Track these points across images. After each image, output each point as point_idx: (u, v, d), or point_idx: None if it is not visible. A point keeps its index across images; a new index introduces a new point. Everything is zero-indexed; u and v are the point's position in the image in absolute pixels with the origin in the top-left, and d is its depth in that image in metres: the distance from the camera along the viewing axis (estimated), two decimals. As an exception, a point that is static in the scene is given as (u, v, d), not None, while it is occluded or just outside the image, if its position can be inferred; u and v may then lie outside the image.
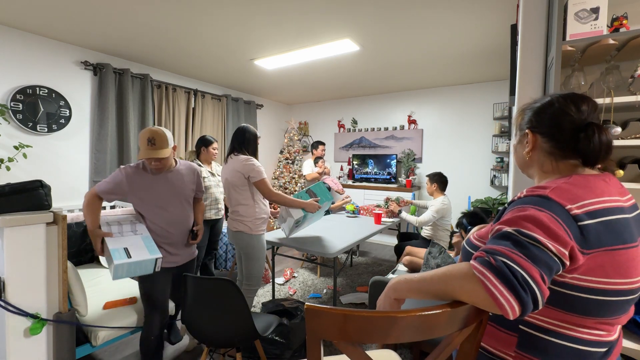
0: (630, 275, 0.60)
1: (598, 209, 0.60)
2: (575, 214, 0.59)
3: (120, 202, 3.20)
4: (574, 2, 1.29)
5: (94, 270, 2.37)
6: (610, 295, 0.60)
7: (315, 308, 0.56)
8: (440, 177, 3.01)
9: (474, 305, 0.57)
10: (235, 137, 2.03)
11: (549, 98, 0.73)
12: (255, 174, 1.90)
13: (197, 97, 4.08)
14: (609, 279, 0.59)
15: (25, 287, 1.29)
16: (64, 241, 1.37)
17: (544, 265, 0.55)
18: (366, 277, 3.37)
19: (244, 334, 1.42)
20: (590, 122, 0.67)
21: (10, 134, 2.63)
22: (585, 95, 0.71)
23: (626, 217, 0.63)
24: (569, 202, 0.60)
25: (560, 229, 0.57)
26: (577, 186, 0.63)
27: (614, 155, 1.46)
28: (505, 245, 0.57)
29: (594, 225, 0.59)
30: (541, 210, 0.59)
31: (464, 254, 0.80)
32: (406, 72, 3.78)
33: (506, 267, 0.54)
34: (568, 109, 0.69)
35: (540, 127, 0.73)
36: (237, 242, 2.00)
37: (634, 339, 1.30)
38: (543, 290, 0.53)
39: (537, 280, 0.53)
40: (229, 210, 2.07)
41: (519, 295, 0.52)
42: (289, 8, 2.24)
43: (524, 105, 0.79)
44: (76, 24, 2.55)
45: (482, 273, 0.55)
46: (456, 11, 2.26)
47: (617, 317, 0.64)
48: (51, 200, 1.42)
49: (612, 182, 0.68)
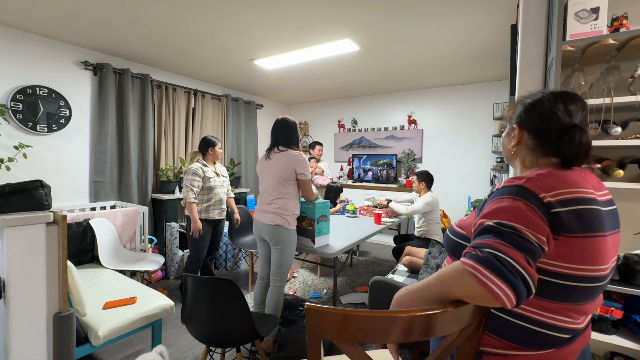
0: (597, 262, 0.63)
1: (570, 198, 0.62)
2: (549, 202, 0.62)
3: (121, 202, 3.21)
4: (574, 2, 1.30)
5: (94, 270, 2.38)
6: (577, 280, 0.63)
7: (315, 308, 0.56)
8: (428, 176, 3.15)
9: (473, 301, 0.58)
10: (281, 131, 2.03)
11: (540, 95, 0.75)
12: (306, 172, 1.97)
13: (197, 97, 4.08)
14: (576, 264, 0.62)
15: (25, 287, 1.29)
16: (64, 241, 1.37)
17: (527, 251, 0.57)
18: (366, 277, 3.37)
19: (244, 334, 1.42)
20: (574, 124, 0.70)
21: (10, 134, 2.63)
22: (575, 94, 0.73)
23: (598, 208, 0.65)
24: (542, 191, 0.62)
25: (537, 217, 0.60)
26: (552, 177, 0.66)
27: (614, 155, 1.47)
28: (488, 237, 0.60)
29: (565, 212, 0.61)
30: (517, 200, 0.62)
31: (446, 242, 0.83)
32: (406, 72, 3.78)
33: (493, 257, 0.56)
34: (556, 109, 0.71)
35: (528, 125, 0.76)
36: (274, 237, 1.97)
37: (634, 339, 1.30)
38: (531, 274, 0.56)
39: (523, 265, 0.55)
40: (261, 204, 2.05)
41: (510, 282, 0.54)
42: (289, 8, 2.24)
43: (517, 98, 0.81)
44: (76, 24, 2.55)
45: (472, 266, 0.57)
46: (456, 11, 2.26)
47: (582, 303, 0.66)
48: (51, 200, 1.41)
49: (589, 177, 0.71)
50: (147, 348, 2.07)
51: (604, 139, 1.38)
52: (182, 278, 1.45)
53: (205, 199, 2.66)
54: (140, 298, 1.91)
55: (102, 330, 1.60)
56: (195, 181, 2.57)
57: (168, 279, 3.28)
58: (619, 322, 1.34)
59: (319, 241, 2.14)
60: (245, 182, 4.84)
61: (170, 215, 3.49)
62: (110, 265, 2.50)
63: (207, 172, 2.65)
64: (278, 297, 2.00)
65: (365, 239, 2.54)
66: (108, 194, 3.23)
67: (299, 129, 2.13)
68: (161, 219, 3.45)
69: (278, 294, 2.00)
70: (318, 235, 2.12)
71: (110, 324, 1.66)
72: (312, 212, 2.08)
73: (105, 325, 1.63)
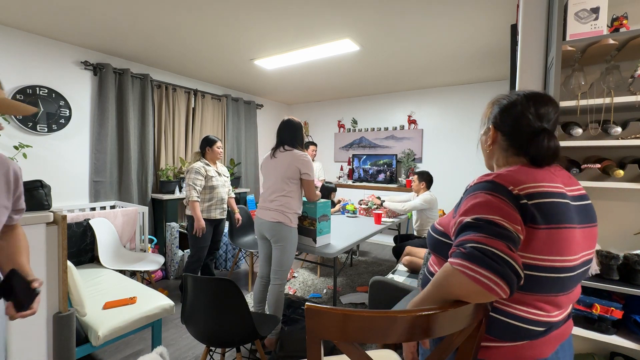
0: (565, 253, 0.64)
1: (535, 191, 0.65)
2: (517, 194, 0.65)
3: (121, 202, 3.21)
4: (574, 2, 1.30)
5: (94, 270, 2.38)
6: (543, 271, 0.64)
7: (316, 308, 0.56)
8: (429, 176, 3.19)
9: (470, 299, 0.59)
10: (287, 131, 2.07)
11: (514, 97, 0.78)
12: (310, 172, 2.00)
13: (197, 97, 4.07)
14: (541, 255, 0.64)
15: (25, 287, 1.29)
16: (64, 241, 1.37)
17: (507, 239, 0.59)
18: (366, 277, 3.37)
19: (244, 334, 1.42)
20: (543, 128, 0.73)
21: (10, 134, 2.63)
22: (548, 97, 0.75)
23: (565, 201, 0.67)
24: (511, 184, 0.66)
25: (510, 207, 0.63)
26: (519, 173, 0.69)
27: (614, 155, 1.47)
28: (469, 233, 0.62)
29: (531, 204, 0.64)
30: (490, 194, 0.65)
31: (428, 240, 0.85)
32: (406, 72, 3.78)
33: (476, 250, 0.58)
34: (528, 112, 0.74)
35: (502, 126, 0.79)
36: (275, 234, 1.98)
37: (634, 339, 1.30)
38: (515, 259, 0.57)
39: (506, 252, 0.57)
40: (263, 201, 2.07)
41: (498, 271, 0.55)
42: (289, 8, 2.24)
43: (495, 98, 0.84)
44: (76, 24, 2.55)
45: (459, 264, 0.58)
46: (456, 11, 2.26)
47: (554, 295, 0.67)
48: (51, 200, 1.42)
49: (559, 174, 0.74)
50: (147, 348, 2.07)
51: (604, 139, 1.38)
52: (182, 278, 1.45)
53: (207, 198, 2.66)
54: (140, 298, 1.91)
55: (102, 330, 1.60)
56: (198, 180, 2.57)
57: (168, 279, 3.28)
58: (619, 322, 1.34)
59: (320, 240, 2.14)
60: (245, 182, 4.84)
61: (170, 215, 3.49)
62: (110, 265, 2.50)
63: (209, 172, 2.65)
64: (279, 296, 2.00)
65: (365, 239, 2.54)
66: (108, 194, 3.23)
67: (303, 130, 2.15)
68: (161, 219, 3.46)
69: (279, 292, 2.00)
70: (319, 235, 2.12)
71: (110, 324, 1.66)
72: (314, 212, 2.09)
73: (105, 325, 1.63)
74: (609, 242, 1.49)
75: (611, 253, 1.32)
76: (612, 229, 1.53)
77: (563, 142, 1.38)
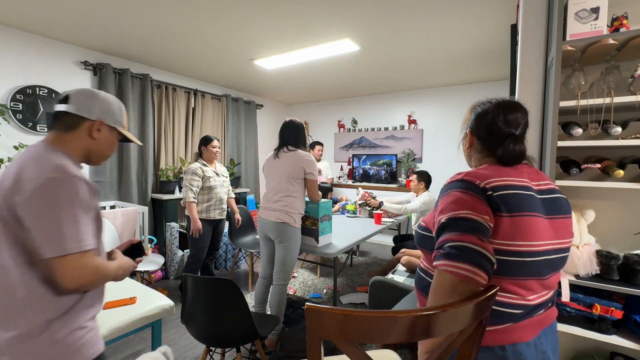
0: (528, 238, 0.71)
1: (499, 184, 0.74)
2: (484, 187, 0.73)
3: (121, 202, 3.21)
4: (574, 2, 1.29)
5: (94, 270, 2.37)
6: (512, 255, 0.71)
7: (316, 308, 0.56)
8: (428, 176, 3.21)
9: (461, 293, 0.65)
10: (290, 132, 2.08)
11: (487, 106, 0.87)
12: (314, 172, 2.01)
13: (197, 97, 4.07)
14: (509, 240, 0.71)
15: (25, 287, 1.29)
16: (64, 241, 1.37)
17: (478, 231, 0.67)
18: (366, 277, 3.37)
19: (244, 334, 1.42)
20: (511, 134, 0.82)
21: (10, 134, 2.63)
22: (516, 104, 0.84)
23: (529, 193, 0.75)
24: (478, 179, 0.75)
25: (478, 200, 0.72)
26: (486, 169, 0.79)
27: (614, 155, 1.46)
28: (445, 234, 0.71)
29: (496, 196, 0.72)
30: (460, 191, 0.74)
31: (415, 236, 0.94)
32: (406, 72, 3.78)
33: (453, 248, 0.67)
34: (498, 120, 0.83)
35: (477, 132, 0.89)
36: (279, 234, 1.98)
37: (634, 339, 1.30)
38: (486, 247, 0.66)
39: (478, 244, 0.66)
40: (266, 201, 2.06)
41: (472, 261, 0.64)
42: (289, 8, 2.24)
43: (473, 104, 0.93)
44: (76, 24, 2.55)
45: (442, 264, 0.67)
46: (456, 11, 2.26)
47: (523, 278, 0.73)
48: (51, 200, 1.41)
49: (525, 170, 0.82)
50: (147, 348, 2.07)
51: (604, 139, 1.38)
52: (182, 278, 1.45)
53: (205, 198, 2.66)
54: (140, 298, 1.91)
55: (102, 331, 1.60)
56: (195, 181, 2.56)
57: (168, 279, 3.28)
58: (619, 322, 1.34)
59: (322, 240, 2.14)
60: (245, 182, 4.83)
61: (170, 215, 3.49)
62: (110, 265, 2.49)
63: (206, 172, 2.65)
64: (281, 296, 2.00)
65: (365, 239, 2.54)
66: (108, 194, 3.23)
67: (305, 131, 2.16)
68: (161, 219, 3.45)
69: (281, 293, 2.00)
70: (321, 235, 2.13)
71: (110, 324, 1.65)
72: (316, 212, 2.09)
73: (105, 325, 1.63)
74: (609, 242, 1.49)
75: (611, 253, 1.32)
76: (612, 229, 1.53)
77: (563, 142, 1.38)
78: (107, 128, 0.95)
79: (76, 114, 0.90)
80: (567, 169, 1.39)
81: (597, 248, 1.38)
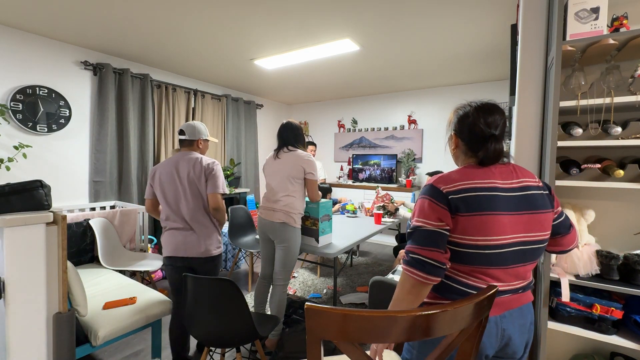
0: (487, 234, 0.80)
1: (461, 188, 0.83)
2: (447, 191, 0.83)
3: (121, 202, 3.21)
4: (574, 2, 1.29)
5: (94, 270, 2.37)
6: (469, 247, 0.82)
7: (316, 308, 0.56)
8: None
9: (419, 289, 0.82)
10: (289, 132, 2.09)
11: (467, 109, 0.93)
12: (314, 172, 2.02)
13: (197, 97, 4.07)
14: (466, 235, 0.81)
15: (25, 287, 1.29)
16: (64, 241, 1.37)
17: (432, 242, 0.81)
18: (366, 277, 3.37)
19: (244, 334, 1.42)
20: (491, 134, 0.88)
21: (10, 134, 2.63)
22: (494, 107, 0.90)
23: (492, 194, 0.83)
24: (443, 184, 0.85)
25: (437, 206, 0.83)
26: (457, 173, 0.87)
27: (614, 155, 1.46)
28: (410, 243, 0.85)
29: (457, 198, 0.82)
30: (425, 198, 0.86)
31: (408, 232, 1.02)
32: (406, 72, 3.78)
33: (412, 259, 0.82)
34: (478, 122, 0.88)
35: (461, 134, 0.95)
36: (280, 234, 1.98)
37: (634, 339, 1.30)
38: (437, 258, 0.80)
39: (430, 256, 0.80)
40: (267, 202, 2.06)
41: (426, 271, 0.80)
42: (289, 8, 2.24)
43: (456, 107, 0.99)
44: (76, 24, 2.55)
45: (406, 269, 0.83)
46: (456, 11, 2.26)
47: (485, 267, 0.83)
48: (51, 200, 1.41)
49: (497, 170, 0.88)
50: (147, 348, 2.07)
51: (604, 139, 1.38)
52: (182, 278, 1.45)
53: None
54: (140, 298, 1.91)
55: (102, 331, 1.60)
56: None
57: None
58: (619, 322, 1.34)
59: (322, 240, 2.14)
60: (245, 182, 4.83)
61: (170, 215, 3.48)
62: (110, 265, 2.50)
63: None
64: (281, 297, 2.00)
65: (365, 239, 2.54)
66: (108, 194, 3.23)
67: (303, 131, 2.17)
68: (161, 219, 3.45)
69: (281, 293, 2.00)
70: (322, 235, 2.12)
71: (110, 324, 1.66)
72: (316, 212, 2.09)
73: (105, 326, 1.63)
74: (609, 242, 1.49)
75: (611, 253, 1.32)
76: (612, 229, 1.53)
77: (563, 142, 1.38)
78: (203, 140, 1.91)
79: (189, 138, 1.85)
80: (567, 169, 1.39)
81: (597, 248, 1.38)
